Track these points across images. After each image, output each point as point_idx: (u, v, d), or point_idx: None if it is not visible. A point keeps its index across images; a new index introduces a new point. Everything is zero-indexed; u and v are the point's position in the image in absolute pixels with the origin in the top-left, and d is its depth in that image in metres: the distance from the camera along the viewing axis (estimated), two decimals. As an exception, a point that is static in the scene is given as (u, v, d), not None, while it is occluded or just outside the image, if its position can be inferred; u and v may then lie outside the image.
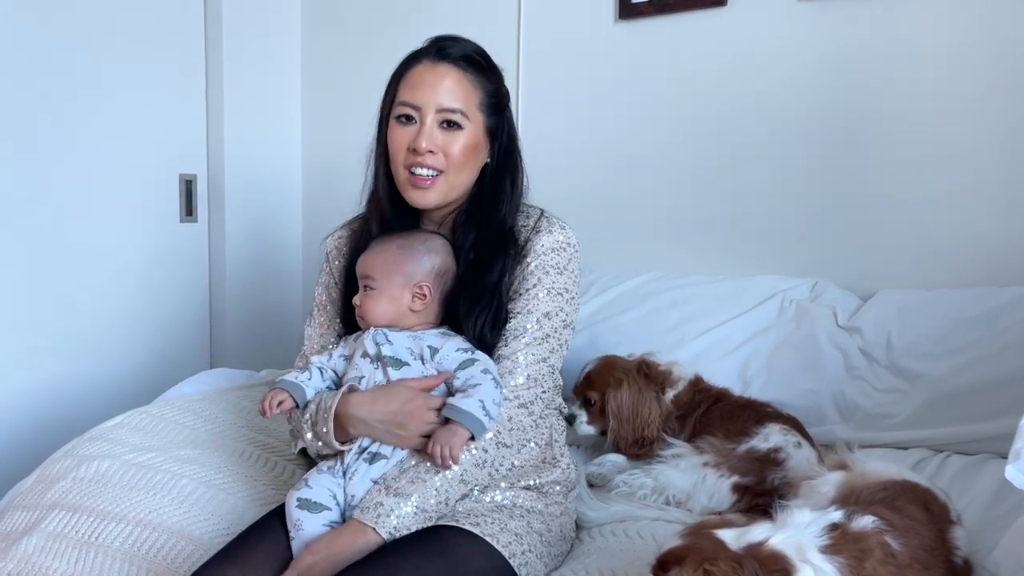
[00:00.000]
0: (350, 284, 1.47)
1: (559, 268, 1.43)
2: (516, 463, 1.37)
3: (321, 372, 1.41)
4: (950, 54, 2.04)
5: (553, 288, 1.41)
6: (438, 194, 1.42)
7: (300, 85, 3.03)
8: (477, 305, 1.39)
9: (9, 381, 2.31)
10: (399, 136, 1.41)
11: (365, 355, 1.37)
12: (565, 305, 1.43)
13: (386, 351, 1.36)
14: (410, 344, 1.37)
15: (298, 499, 1.29)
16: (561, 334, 1.42)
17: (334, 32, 2.96)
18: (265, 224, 2.95)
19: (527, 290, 1.41)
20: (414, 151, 1.39)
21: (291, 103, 3.02)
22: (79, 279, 2.46)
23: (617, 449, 1.78)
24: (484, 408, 1.28)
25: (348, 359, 1.41)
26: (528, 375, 1.37)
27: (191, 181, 2.75)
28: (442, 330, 1.41)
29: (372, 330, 1.38)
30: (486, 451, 1.31)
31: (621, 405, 1.76)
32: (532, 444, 1.40)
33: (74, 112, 2.40)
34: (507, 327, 1.39)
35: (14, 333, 2.31)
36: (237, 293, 2.85)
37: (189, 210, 2.76)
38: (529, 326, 1.39)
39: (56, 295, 2.40)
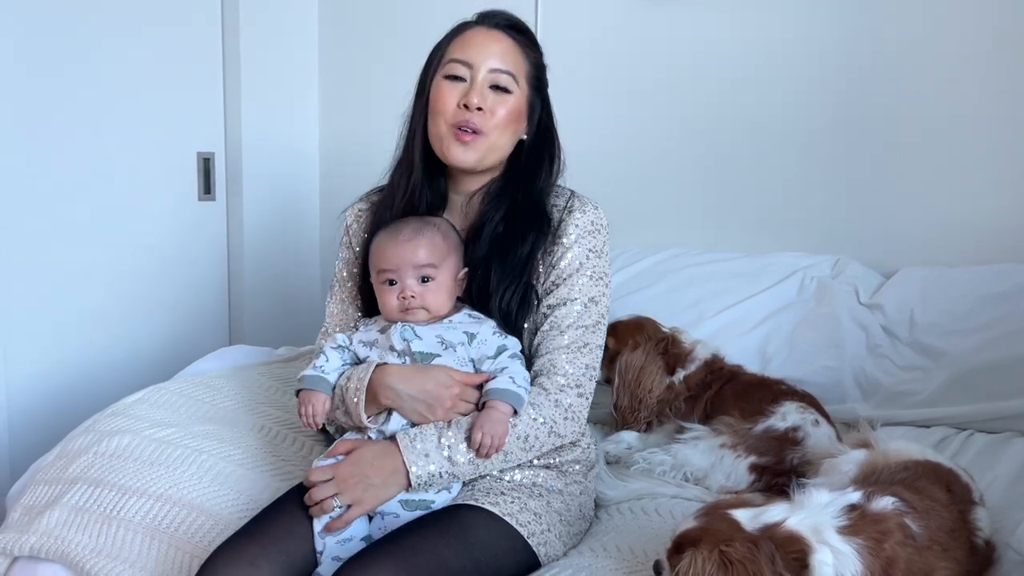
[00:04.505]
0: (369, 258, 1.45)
1: (597, 251, 1.42)
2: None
3: (341, 351, 1.39)
4: (968, 32, 2.01)
5: (595, 273, 1.41)
6: (477, 153, 1.40)
7: (317, 63, 3.01)
8: (506, 279, 1.37)
9: (31, 357, 2.34)
10: (447, 92, 1.39)
11: (392, 349, 1.34)
12: (605, 289, 1.43)
13: (415, 347, 1.33)
14: (441, 333, 1.34)
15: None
16: (603, 320, 1.42)
17: (352, 10, 2.94)
18: (283, 202, 2.95)
19: (569, 276, 1.39)
20: (464, 107, 1.37)
21: (308, 81, 3.00)
22: (98, 257, 2.47)
23: (615, 411, 1.79)
24: (515, 382, 1.30)
25: (370, 346, 1.37)
26: (587, 364, 1.38)
27: (209, 159, 2.75)
28: (466, 312, 1.38)
29: (399, 326, 1.35)
30: (537, 438, 1.32)
31: (628, 366, 1.78)
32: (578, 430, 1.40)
33: (92, 91, 2.40)
34: (556, 315, 1.38)
35: (35, 310, 2.33)
36: (255, 271, 2.86)
37: (207, 188, 2.76)
38: (577, 310, 1.38)
39: (75, 273, 2.42)
